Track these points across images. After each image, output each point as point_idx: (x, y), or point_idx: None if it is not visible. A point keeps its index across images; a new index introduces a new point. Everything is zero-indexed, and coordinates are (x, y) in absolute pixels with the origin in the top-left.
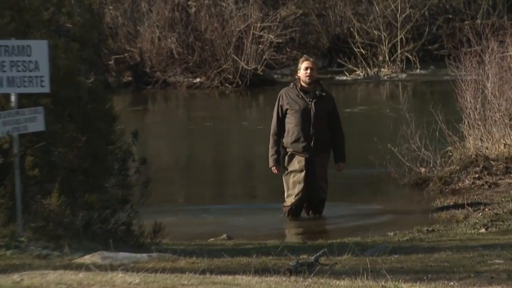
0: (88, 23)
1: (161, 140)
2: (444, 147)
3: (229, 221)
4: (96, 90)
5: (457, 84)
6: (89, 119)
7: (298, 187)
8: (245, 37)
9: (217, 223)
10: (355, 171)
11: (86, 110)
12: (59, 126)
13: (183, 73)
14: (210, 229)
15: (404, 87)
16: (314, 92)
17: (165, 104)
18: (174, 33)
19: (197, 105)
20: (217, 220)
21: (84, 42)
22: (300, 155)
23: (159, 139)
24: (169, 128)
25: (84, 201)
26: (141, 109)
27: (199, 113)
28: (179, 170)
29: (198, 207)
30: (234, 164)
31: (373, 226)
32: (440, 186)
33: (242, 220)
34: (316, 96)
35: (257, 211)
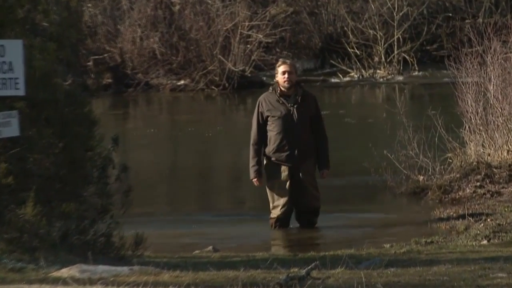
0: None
1: (143, 146)
2: (443, 153)
3: (216, 232)
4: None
5: (458, 86)
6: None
7: (283, 199)
8: (232, 36)
9: (203, 234)
10: (349, 179)
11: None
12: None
13: (166, 75)
14: (195, 240)
15: (401, 90)
16: (295, 96)
17: (147, 108)
18: (157, 32)
19: (181, 109)
20: (202, 231)
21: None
22: (284, 164)
23: (141, 145)
24: (151, 133)
25: (61, 211)
26: (122, 113)
27: (184, 118)
28: (162, 178)
29: (183, 217)
30: (221, 171)
31: (368, 238)
32: (440, 195)
33: (229, 231)
34: (297, 100)
35: (245, 221)
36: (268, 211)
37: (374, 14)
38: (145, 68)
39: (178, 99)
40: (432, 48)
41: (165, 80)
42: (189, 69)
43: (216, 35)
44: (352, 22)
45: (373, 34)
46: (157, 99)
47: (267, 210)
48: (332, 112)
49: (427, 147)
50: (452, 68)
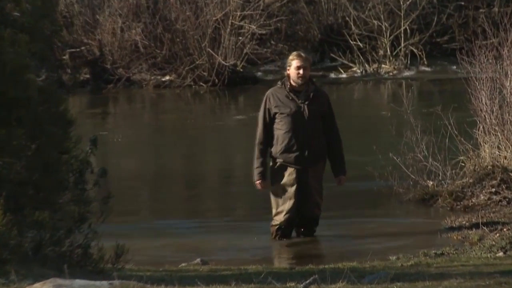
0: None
1: (124, 148)
2: (455, 156)
3: (204, 242)
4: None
5: (471, 82)
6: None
7: (288, 204)
8: (222, 27)
9: (190, 245)
10: (351, 185)
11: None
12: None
13: (150, 70)
14: (182, 252)
15: (408, 86)
16: (307, 92)
17: (129, 106)
18: (140, 23)
19: (167, 107)
20: (190, 241)
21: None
22: (292, 167)
23: (121, 147)
24: (133, 134)
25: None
26: (101, 112)
27: (169, 117)
28: (146, 183)
29: (168, 226)
30: (210, 175)
31: (372, 249)
32: (451, 202)
33: (219, 241)
34: (309, 97)
35: (236, 230)
36: (263, 219)
37: (379, 2)
38: (127, 63)
39: (162, 97)
40: (442, 41)
41: (148, 75)
42: (175, 63)
43: (205, 26)
44: (355, 11)
45: (378, 24)
46: (139, 96)
47: (261, 218)
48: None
49: (437, 150)
50: (465, 62)
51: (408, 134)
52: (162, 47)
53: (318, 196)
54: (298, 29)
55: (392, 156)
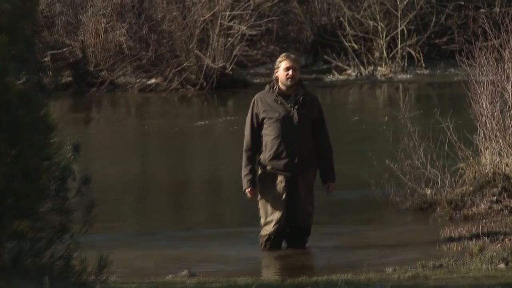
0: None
1: (108, 154)
2: (454, 163)
3: (191, 253)
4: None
5: (471, 86)
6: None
7: (278, 213)
8: (211, 28)
9: (177, 255)
10: (345, 193)
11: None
12: None
13: (135, 73)
14: (168, 263)
15: (405, 90)
16: (296, 96)
17: (113, 111)
18: (124, 23)
19: (152, 112)
20: (176, 252)
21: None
22: (281, 174)
23: (105, 154)
24: (117, 140)
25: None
26: (84, 117)
27: (155, 122)
28: (131, 191)
29: (154, 236)
30: (198, 182)
31: (368, 260)
32: (450, 211)
33: (207, 252)
34: (298, 101)
35: (225, 239)
36: (253, 228)
37: (375, 2)
38: (111, 65)
39: (148, 101)
40: (441, 42)
41: (133, 78)
42: (161, 65)
43: (193, 26)
44: (349, 11)
45: (373, 25)
46: (124, 100)
47: (251, 227)
48: (325, 114)
49: (435, 156)
50: (464, 64)
51: (405, 140)
52: (148, 48)
53: (309, 205)
54: (290, 30)
55: (389, 163)
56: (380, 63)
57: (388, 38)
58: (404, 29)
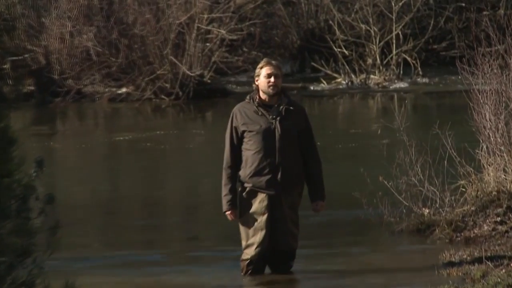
0: None
1: (74, 171)
2: (454, 180)
3: (165, 278)
4: None
5: (473, 95)
6: None
7: (260, 235)
8: (187, 32)
9: (149, 282)
10: (335, 213)
11: None
12: None
13: (103, 81)
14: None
15: (401, 100)
16: (279, 106)
17: (80, 123)
18: (92, 27)
19: (123, 124)
20: (149, 278)
21: None
22: (263, 192)
23: (71, 170)
24: (85, 155)
25: None
26: (47, 129)
27: (126, 135)
28: (99, 210)
29: (125, 260)
30: (173, 201)
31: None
32: (450, 233)
33: (182, 277)
34: (281, 111)
35: (203, 264)
36: (233, 251)
37: (367, 4)
38: (77, 73)
39: (118, 112)
40: (440, 47)
41: (102, 87)
42: (132, 73)
43: (167, 30)
44: (339, 14)
45: (366, 29)
46: (92, 111)
47: (231, 249)
48: (313, 127)
49: (433, 173)
50: (466, 72)
51: (400, 155)
52: (118, 54)
53: (293, 226)
54: (274, 34)
55: (382, 180)
56: (373, 71)
57: (382, 43)
58: (400, 33)
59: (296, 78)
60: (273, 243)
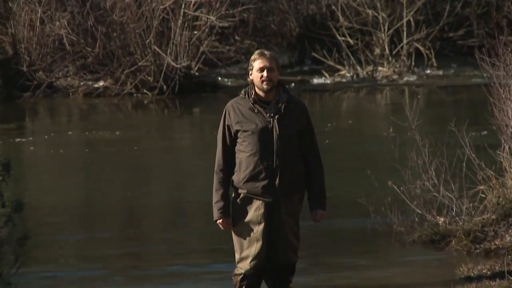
0: None
1: (45, 175)
2: (473, 186)
3: None
4: None
5: (493, 90)
6: None
7: (255, 247)
8: (172, 19)
9: None
10: (338, 222)
11: None
12: None
13: (78, 74)
14: None
15: (412, 95)
16: (277, 103)
17: (52, 121)
18: (65, 12)
19: (100, 122)
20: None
21: None
22: (259, 199)
23: (42, 173)
24: (57, 157)
25: None
26: (15, 128)
27: (104, 134)
28: (74, 219)
29: (103, 275)
30: (156, 209)
31: None
32: (468, 244)
33: None
34: (280, 109)
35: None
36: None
37: None
38: (48, 64)
39: (95, 108)
40: (457, 36)
41: (77, 80)
42: (111, 65)
43: (150, 17)
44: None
45: (373, 15)
46: (65, 107)
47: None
48: (314, 126)
49: (449, 177)
50: (486, 63)
51: (412, 157)
52: (94, 44)
53: (293, 237)
54: (270, 21)
55: (392, 185)
56: (382, 62)
57: (391, 31)
58: (411, 19)
59: (294, 71)
60: (270, 256)
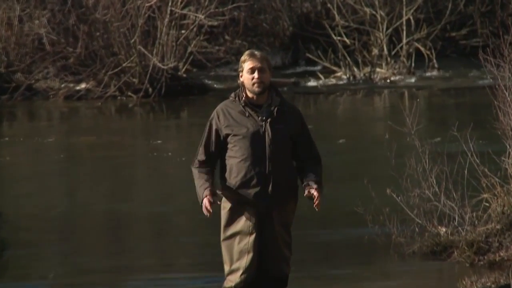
0: None
1: (24, 182)
2: (476, 194)
3: None
4: None
5: (498, 92)
6: None
7: (246, 259)
8: (158, 17)
9: None
10: (334, 233)
11: None
12: None
13: (59, 75)
14: None
15: (412, 98)
16: (269, 105)
17: (31, 125)
18: (45, 10)
19: (82, 126)
20: None
21: None
22: (251, 208)
23: (21, 181)
24: (37, 163)
25: None
26: None
27: (86, 139)
28: (54, 229)
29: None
30: (140, 219)
31: None
32: (471, 255)
33: None
34: (272, 112)
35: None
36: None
37: None
38: (27, 65)
39: (77, 111)
40: (459, 35)
41: (57, 82)
42: (93, 66)
43: (135, 15)
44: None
45: (371, 13)
46: (45, 111)
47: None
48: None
49: (451, 184)
50: (490, 64)
51: (412, 163)
52: (76, 44)
53: (286, 248)
54: (262, 19)
55: (391, 193)
56: (380, 63)
57: (390, 30)
58: (411, 18)
59: (288, 72)
60: (261, 268)
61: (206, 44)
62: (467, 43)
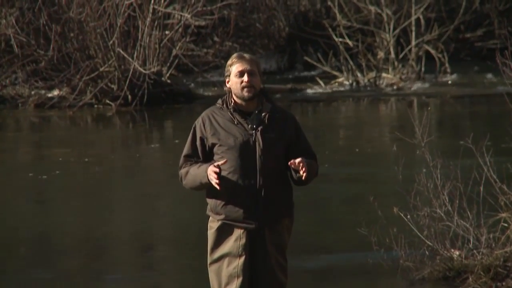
0: None
1: None
2: (494, 212)
3: None
4: None
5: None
6: None
7: (235, 284)
8: (139, 16)
9: None
10: (335, 256)
11: None
12: None
13: (29, 81)
14: None
15: (422, 106)
16: (260, 112)
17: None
18: (13, 9)
19: (54, 138)
20: None
21: None
22: (240, 227)
23: None
24: (4, 179)
25: None
26: None
27: (58, 152)
28: (23, 251)
29: None
30: (120, 240)
31: None
32: (487, 281)
33: None
34: (263, 119)
35: None
36: None
37: None
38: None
39: (48, 121)
40: (474, 37)
41: (27, 89)
42: (67, 71)
43: (113, 14)
44: None
45: (376, 12)
46: (13, 121)
47: None
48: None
49: (465, 203)
50: (509, 69)
51: (422, 178)
52: (48, 46)
53: (280, 272)
54: (255, 19)
55: (398, 212)
56: (386, 68)
57: (397, 31)
58: (421, 17)
59: (283, 78)
60: None
61: (193, 46)
62: (483, 45)
